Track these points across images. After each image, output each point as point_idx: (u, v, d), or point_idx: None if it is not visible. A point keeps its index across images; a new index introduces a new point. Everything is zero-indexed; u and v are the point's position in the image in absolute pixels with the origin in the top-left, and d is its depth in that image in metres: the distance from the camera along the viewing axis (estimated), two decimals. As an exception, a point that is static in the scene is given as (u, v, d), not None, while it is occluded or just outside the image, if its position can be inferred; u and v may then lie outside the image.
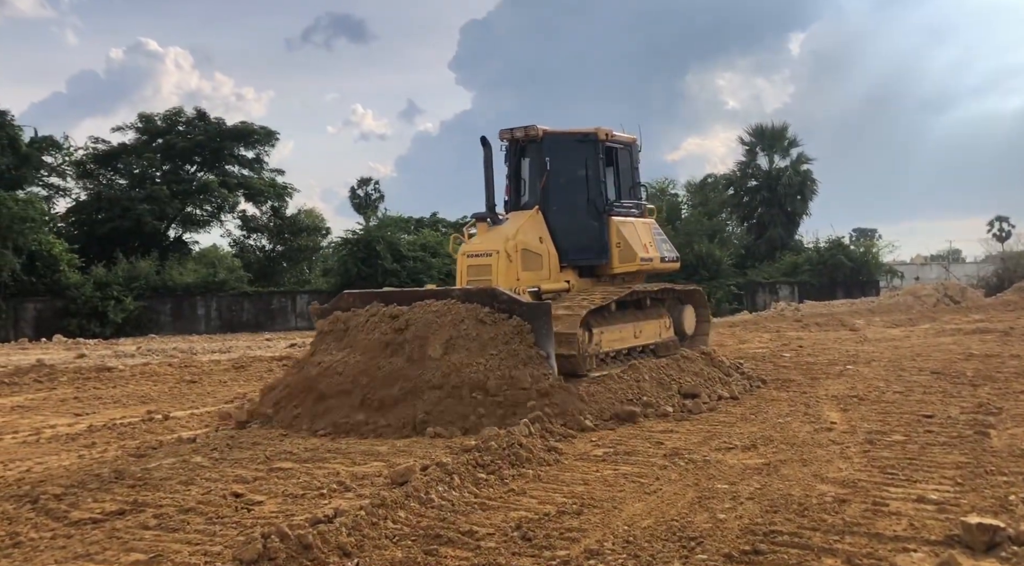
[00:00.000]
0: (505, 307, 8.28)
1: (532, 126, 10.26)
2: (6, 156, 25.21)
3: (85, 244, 28.39)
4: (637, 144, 11.29)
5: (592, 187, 10.44)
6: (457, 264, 9.90)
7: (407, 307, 8.65)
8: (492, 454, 6.21)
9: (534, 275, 9.73)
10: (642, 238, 10.76)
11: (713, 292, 29.17)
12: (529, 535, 4.54)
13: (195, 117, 32.39)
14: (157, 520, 5.07)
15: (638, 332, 10.09)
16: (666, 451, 6.58)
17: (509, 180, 10.74)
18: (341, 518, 4.73)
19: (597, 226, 10.42)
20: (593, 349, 9.19)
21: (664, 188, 38.33)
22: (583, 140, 10.46)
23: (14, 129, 25.94)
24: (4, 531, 4.89)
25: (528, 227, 9.89)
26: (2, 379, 12.62)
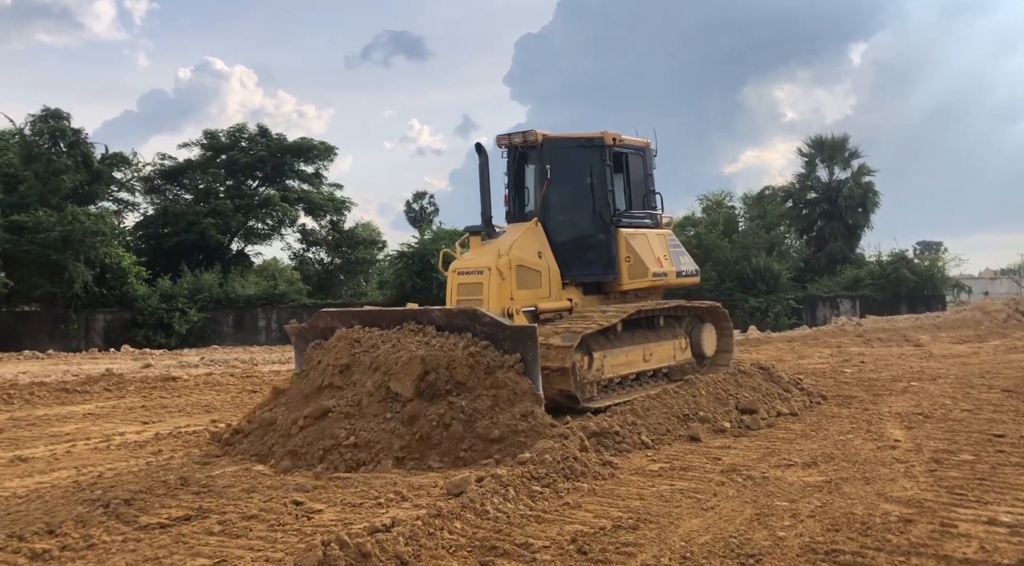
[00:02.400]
0: (488, 332, 7.34)
1: (531, 131, 9.65)
2: (80, 172, 26.21)
3: (152, 257, 29.32)
4: (652, 149, 10.54)
5: (598, 196, 9.70)
6: (447, 282, 9.06)
7: (375, 331, 7.69)
8: (547, 467, 6.22)
9: (531, 294, 8.99)
10: (655, 251, 10.02)
11: (771, 306, 28.67)
12: (585, 549, 4.53)
13: (257, 133, 33.27)
14: (221, 526, 5.20)
15: (648, 355, 9.37)
16: (723, 467, 6.50)
17: (508, 189, 10.13)
18: (399, 527, 4.79)
19: (603, 239, 9.69)
20: (593, 376, 8.52)
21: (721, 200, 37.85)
22: (587, 145, 9.74)
23: (87, 146, 26.98)
24: (78, 534, 5.08)
25: (525, 241, 9.14)
26: (74, 387, 13.10)
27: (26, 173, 24.79)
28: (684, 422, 8.11)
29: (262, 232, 34.59)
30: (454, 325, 7.41)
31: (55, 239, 23.55)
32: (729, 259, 30.55)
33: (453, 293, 8.84)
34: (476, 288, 8.65)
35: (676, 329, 10.09)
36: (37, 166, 25.08)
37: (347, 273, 34.36)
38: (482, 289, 8.59)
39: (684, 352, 10.01)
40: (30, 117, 26.30)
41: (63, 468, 7.22)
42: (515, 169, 9.97)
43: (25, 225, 23.63)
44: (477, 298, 8.55)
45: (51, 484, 6.60)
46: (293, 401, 7.57)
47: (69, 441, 8.71)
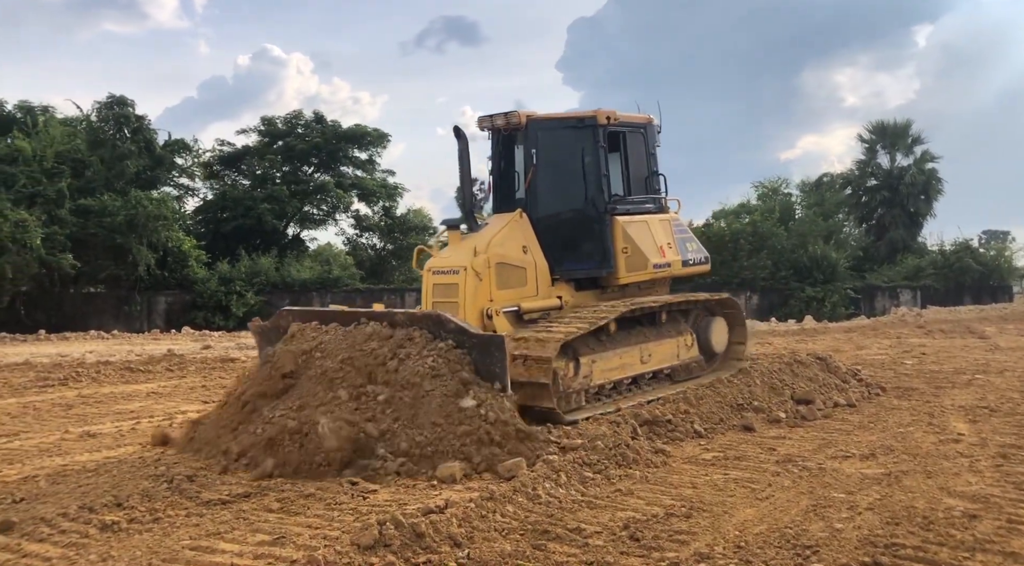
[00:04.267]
0: (453, 338, 6.71)
1: (514, 112, 8.69)
2: (143, 158, 26.91)
3: (211, 241, 30.00)
4: (654, 125, 9.52)
5: (590, 182, 8.73)
6: (423, 282, 8.28)
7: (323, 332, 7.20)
8: (599, 453, 6.23)
9: (514, 293, 8.14)
10: (658, 239, 9.09)
11: (828, 296, 28.05)
12: (637, 535, 4.53)
13: (313, 120, 33.71)
14: (280, 504, 5.34)
15: (646, 356, 8.47)
16: (778, 457, 6.41)
17: (492, 177, 9.24)
18: (452, 509, 4.86)
19: (597, 229, 8.74)
20: (580, 384, 7.67)
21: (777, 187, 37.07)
22: (578, 126, 8.78)
23: (150, 133, 27.67)
24: (144, 507, 5.26)
25: (507, 235, 8.26)
26: (138, 367, 13.53)
27: (92, 159, 25.56)
28: (738, 411, 8.02)
29: (317, 217, 35.09)
30: (418, 330, 6.83)
31: (120, 223, 24.27)
32: (785, 247, 29.95)
33: (428, 294, 8.09)
34: (452, 289, 7.89)
35: (680, 325, 9.23)
36: (103, 152, 25.84)
37: (399, 258, 34.66)
38: (458, 290, 7.83)
39: (690, 350, 9.16)
40: (96, 104, 27.10)
41: (129, 444, 7.47)
42: (499, 155, 9.10)
43: (92, 209, 24.41)
44: (452, 300, 7.82)
45: (118, 459, 6.85)
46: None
47: (134, 418, 9.01)
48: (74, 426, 8.58)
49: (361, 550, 4.24)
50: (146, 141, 27.23)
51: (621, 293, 9.03)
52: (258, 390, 6.91)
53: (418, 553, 4.28)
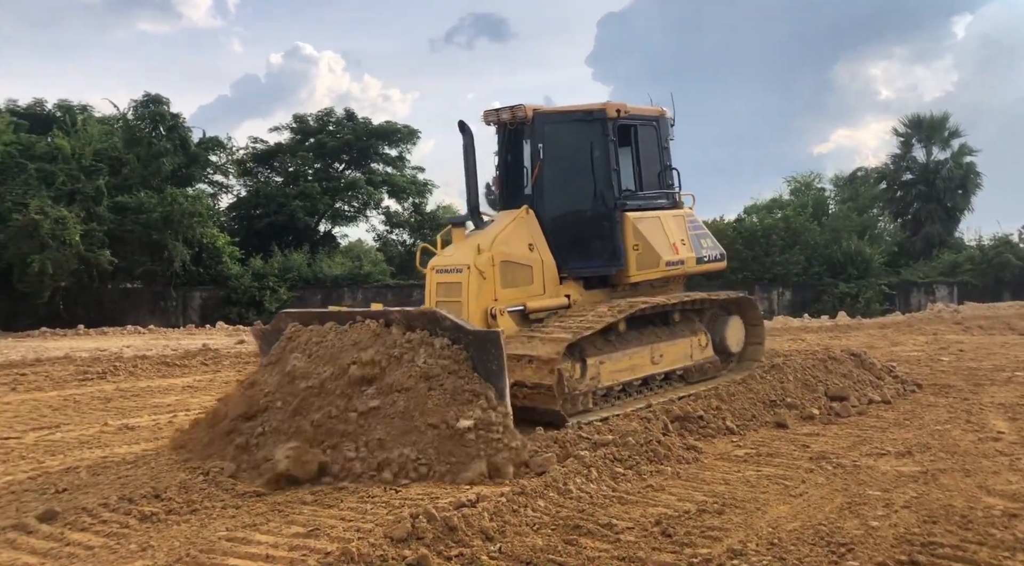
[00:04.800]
0: (449, 336, 6.48)
1: (519, 105, 8.50)
2: (178, 156, 27.28)
3: (244, 237, 30.35)
4: (667, 117, 9.26)
5: (600, 177, 8.47)
6: (426, 281, 8.08)
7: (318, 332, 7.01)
8: (629, 449, 6.22)
9: (520, 292, 7.93)
10: (670, 236, 8.83)
11: (862, 292, 27.66)
12: (669, 531, 4.52)
13: (344, 117, 33.96)
14: (314, 497, 5.40)
15: (657, 356, 8.24)
16: (812, 454, 6.35)
17: (498, 173, 8.99)
18: (484, 503, 4.88)
19: (606, 225, 8.48)
20: (587, 386, 7.48)
21: (810, 182, 36.65)
22: (587, 119, 8.52)
23: (185, 131, 28.04)
24: (182, 499, 5.36)
25: (512, 233, 8.04)
26: (174, 361, 13.77)
27: (129, 156, 25.97)
28: (771, 408, 7.96)
29: (348, 214, 35.35)
30: (413, 328, 6.64)
31: (156, 219, 24.65)
32: (818, 243, 29.58)
33: (432, 294, 7.91)
34: (455, 288, 7.69)
35: (695, 324, 8.98)
36: (139, 149, 26.25)
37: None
38: (461, 289, 7.64)
39: (704, 350, 8.91)
40: (132, 102, 27.52)
41: (166, 437, 7.61)
42: (506, 150, 8.83)
43: (128, 206, 24.81)
44: (456, 300, 7.62)
45: (156, 452, 6.98)
46: None
47: (171, 412, 9.18)
48: (113, 419, 8.76)
49: (394, 543, 4.28)
50: (181, 139, 27.59)
51: (633, 292, 8.79)
52: (238, 412, 6.59)
53: (450, 546, 4.31)
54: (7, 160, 23.43)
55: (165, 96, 27.48)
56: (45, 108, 28.25)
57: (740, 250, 29.12)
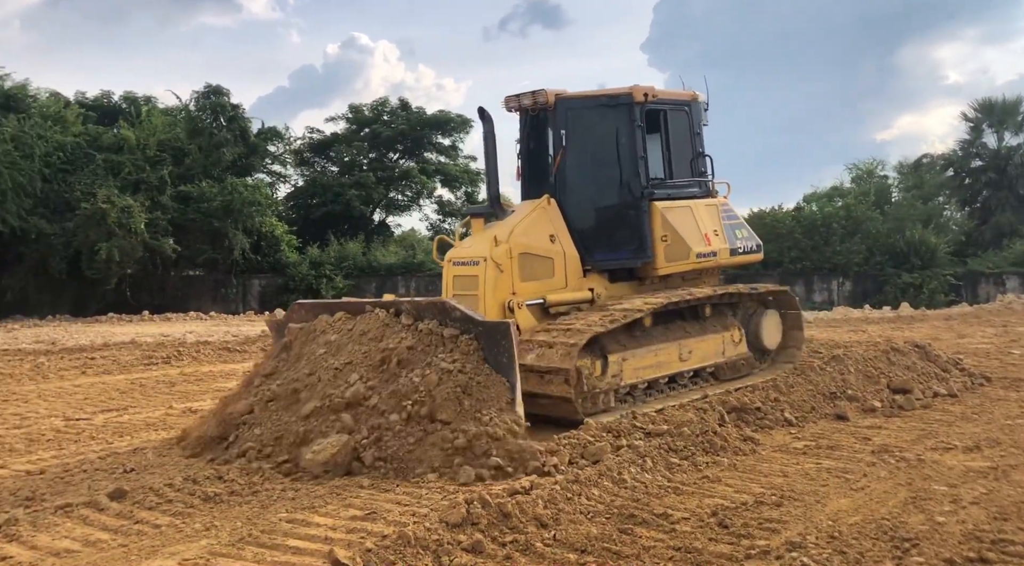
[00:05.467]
0: (459, 327, 6.27)
1: (541, 90, 8.16)
2: (238, 146, 27.87)
3: (302, 226, 30.91)
4: (701, 102, 8.86)
5: (626, 164, 8.09)
6: (443, 274, 7.87)
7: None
8: (685, 440, 6.17)
9: (540, 285, 7.64)
10: (702, 226, 8.45)
11: (926, 282, 26.83)
12: (726, 522, 4.46)
13: (398, 107, 34.26)
14: (370, 481, 5.48)
15: (685, 353, 7.87)
16: (874, 447, 6.20)
17: (520, 161, 8.68)
18: (538, 491, 4.89)
19: (633, 215, 8.11)
20: (608, 384, 7.15)
21: (872, 169, 35.67)
22: (612, 104, 8.14)
23: (245, 121, 28.62)
24: (244, 481, 5.50)
25: (532, 224, 7.75)
26: (235, 347, 14.13)
27: (191, 147, 26.65)
28: (830, 400, 7.79)
29: (402, 204, 35.69)
30: (423, 319, 6.47)
31: (217, 208, 25.27)
32: (880, 232, 28.77)
33: (449, 286, 7.69)
34: (471, 282, 7.44)
35: (727, 319, 8.57)
36: (201, 140, 26.90)
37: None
38: (478, 283, 7.38)
39: (737, 346, 8.48)
40: (194, 94, 28.20)
41: (228, 420, 7.78)
42: (528, 137, 8.52)
43: (191, 195, 25.48)
44: (472, 293, 7.37)
45: (218, 434, 7.14)
46: None
47: (232, 395, 9.40)
48: (177, 402, 9.04)
49: (449, 527, 4.32)
50: (241, 129, 28.17)
51: (662, 285, 8.41)
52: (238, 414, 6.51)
53: (505, 533, 4.33)
54: (76, 151, 24.26)
55: (226, 87, 28.11)
56: (112, 100, 29.13)
57: (799, 239, 28.54)
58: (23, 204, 22.38)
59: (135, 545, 4.40)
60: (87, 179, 23.61)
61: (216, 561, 4.08)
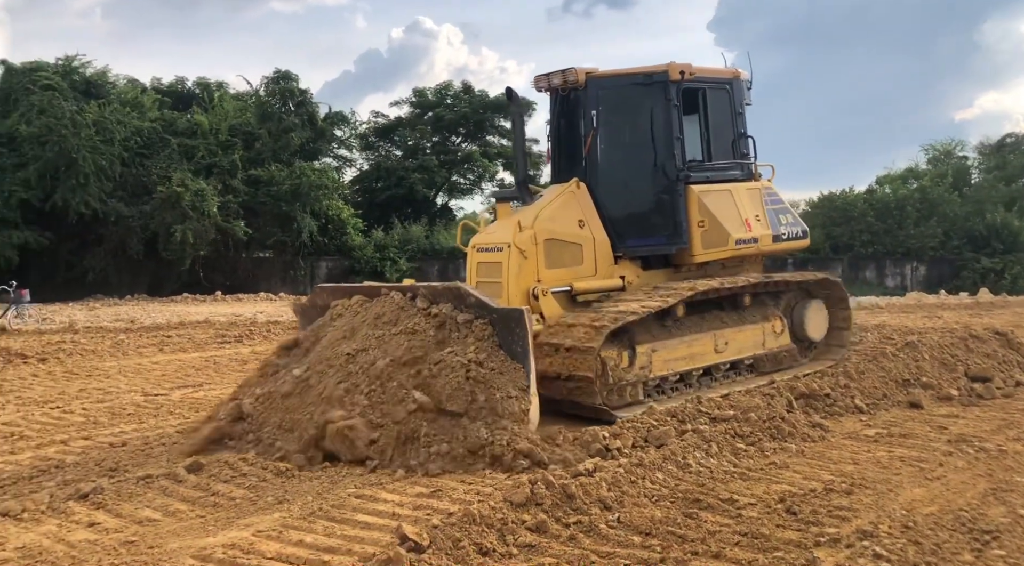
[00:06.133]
0: (473, 312, 6.00)
1: (571, 69, 7.75)
2: (305, 130, 28.41)
3: (366, 210, 31.39)
4: (742, 80, 8.42)
5: (660, 146, 7.74)
6: (467, 260, 7.63)
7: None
8: (752, 425, 6.08)
9: (568, 272, 7.33)
10: (743, 211, 8.04)
11: (1008, 267, 25.76)
12: (794, 509, 4.39)
13: (461, 90, 34.41)
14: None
15: (722, 344, 7.48)
16: (950, 437, 6.01)
17: (551, 143, 8.33)
18: (601, 473, 4.89)
19: (667, 200, 7.76)
20: (636, 376, 6.82)
21: (951, 150, 34.32)
22: (646, 83, 7.75)
23: (312, 106, 29.14)
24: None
25: (560, 208, 7.44)
26: (303, 327, 14.44)
27: (261, 131, 27.27)
28: (904, 387, 7.57)
29: (464, 187, 35.90)
30: (437, 304, 6.24)
31: (285, 192, 25.85)
32: (958, 215, 27.72)
33: (473, 273, 7.46)
34: (495, 268, 7.18)
35: (768, 309, 8.14)
36: (270, 125, 27.50)
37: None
38: (501, 269, 7.12)
39: (779, 337, 8.05)
40: (264, 79, 28.84)
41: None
42: (559, 118, 8.16)
43: (261, 179, 26.12)
44: (496, 280, 7.13)
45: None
46: None
47: (301, 374, 9.63)
48: (249, 380, 9.29)
49: (514, 507, 4.36)
50: (308, 114, 28.68)
51: (699, 272, 8.01)
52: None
53: (569, 514, 4.35)
54: (153, 135, 25.07)
55: (294, 73, 28.63)
56: (186, 86, 29.97)
57: (871, 222, 27.71)
58: (104, 187, 23.28)
59: (211, 516, 4.57)
60: (163, 163, 24.40)
61: (288, 533, 4.20)
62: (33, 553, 4.02)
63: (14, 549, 4.08)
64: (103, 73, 26.44)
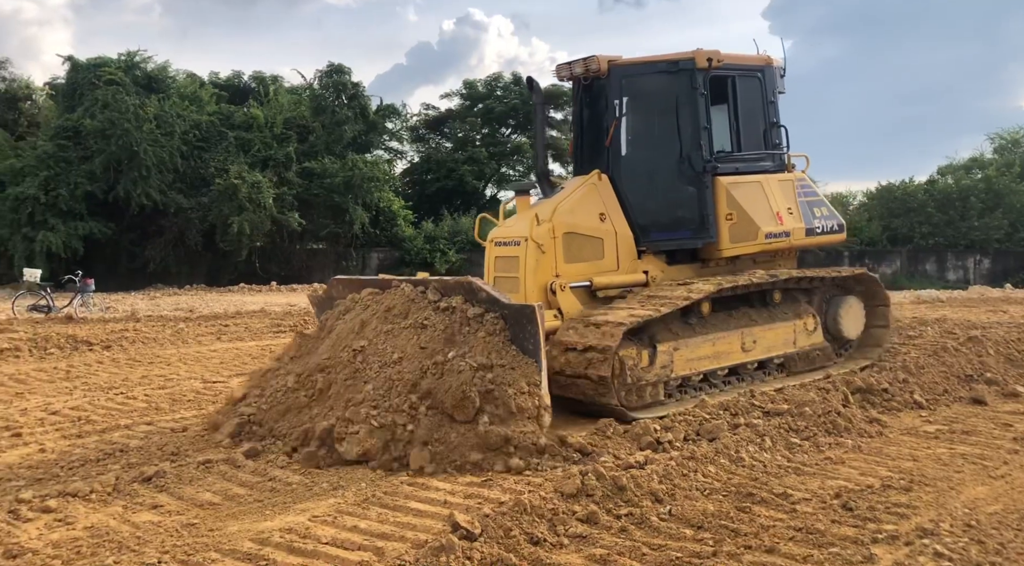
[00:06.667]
0: (484, 307, 5.84)
1: (592, 57, 7.51)
2: (358, 123, 28.75)
3: (417, 201, 31.64)
4: (775, 67, 8.11)
5: (686, 136, 7.50)
6: (485, 254, 7.47)
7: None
8: (806, 420, 5.99)
9: (588, 267, 7.14)
10: (774, 204, 7.75)
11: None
12: (851, 505, 4.32)
13: (511, 82, 34.39)
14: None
15: (749, 342, 7.22)
16: (1016, 434, 5.83)
17: (573, 133, 8.08)
18: (652, 466, 4.87)
19: (694, 192, 7.51)
20: (657, 375, 6.57)
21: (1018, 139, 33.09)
22: (672, 71, 7.49)
23: (365, 99, 29.46)
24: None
25: (580, 201, 7.23)
26: (355, 317, 14.65)
27: (315, 124, 27.69)
28: (966, 383, 7.37)
29: (513, 178, 35.89)
30: (450, 297, 6.10)
31: (338, 184, 26.21)
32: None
33: (490, 268, 7.30)
34: (512, 263, 7.03)
35: (800, 306, 7.83)
36: (324, 118, 27.90)
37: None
38: (518, 264, 6.98)
39: (811, 335, 7.76)
40: (318, 73, 29.24)
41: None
42: (581, 108, 7.95)
43: (314, 171, 26.53)
44: (513, 275, 6.99)
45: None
46: None
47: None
48: (304, 368, 9.46)
49: (564, 497, 4.37)
50: (361, 107, 28.99)
51: (728, 267, 7.78)
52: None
53: (619, 505, 4.35)
54: (211, 129, 25.65)
55: (347, 66, 28.96)
56: (242, 80, 30.54)
57: (932, 214, 26.92)
58: (164, 179, 23.92)
59: (268, 500, 4.68)
60: (220, 156, 24.96)
61: (343, 519, 4.29)
62: (101, 533, 4.17)
63: (83, 528, 4.25)
64: (163, 68, 27.11)
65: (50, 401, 7.68)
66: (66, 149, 23.51)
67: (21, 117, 28.15)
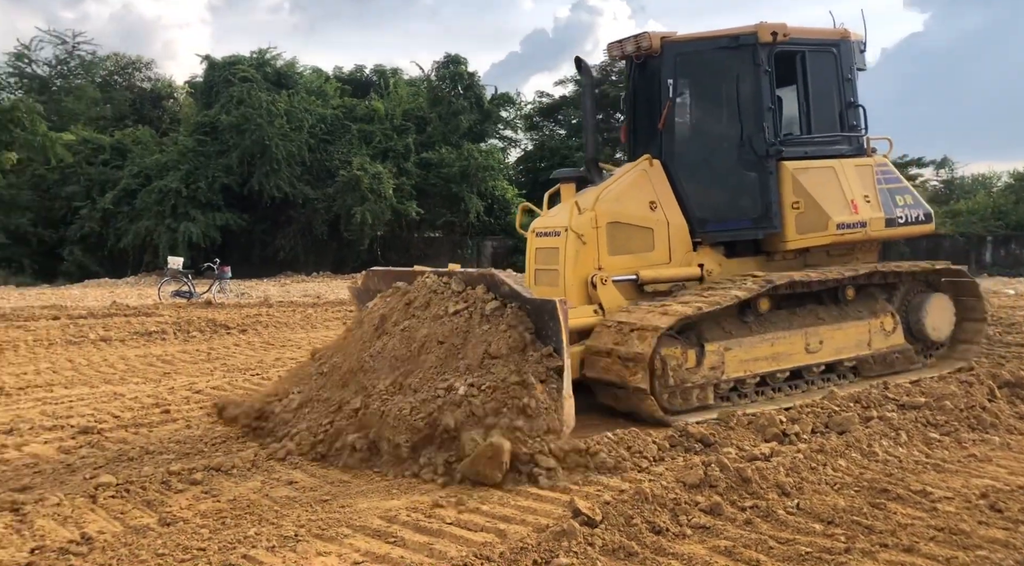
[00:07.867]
0: (506, 302, 5.43)
1: (644, 34, 6.99)
2: (473, 113, 29.20)
3: (530, 189, 31.79)
4: (852, 42, 7.38)
5: (748, 117, 6.91)
6: (527, 245, 7.04)
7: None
8: (947, 414, 5.67)
9: (635, 259, 6.61)
10: (848, 191, 7.07)
11: None
12: (999, 506, 4.05)
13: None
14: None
15: (815, 343, 6.59)
16: None
17: (626, 115, 7.59)
18: (778, 458, 4.73)
19: (756, 178, 6.92)
20: (705, 377, 6.04)
21: None
22: (732, 47, 6.90)
23: (480, 88, 29.89)
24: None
25: (628, 189, 6.69)
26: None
27: (432, 115, 28.32)
28: None
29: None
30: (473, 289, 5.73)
31: (454, 173, 26.73)
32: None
33: (531, 259, 6.90)
34: (553, 254, 6.60)
35: (877, 303, 7.14)
36: (440, 108, 28.48)
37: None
38: (558, 256, 6.54)
39: (890, 336, 7.06)
40: (435, 64, 29.87)
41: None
42: (634, 89, 7.42)
43: (431, 161, 27.15)
44: (553, 267, 6.58)
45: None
46: None
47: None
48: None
49: (687, 488, 4.31)
50: (476, 97, 29.41)
51: (796, 261, 7.21)
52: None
53: (744, 497, 4.24)
54: (335, 122, 26.67)
55: (463, 56, 29.41)
56: (364, 73, 31.55)
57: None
58: (293, 172, 25.09)
59: (395, 480, 4.82)
60: (344, 148, 25.94)
61: (466, 500, 4.37)
62: (243, 505, 4.43)
63: (227, 500, 4.52)
64: (292, 64, 28.38)
65: (194, 380, 8.22)
66: (204, 144, 25.04)
67: (164, 114, 30.20)
